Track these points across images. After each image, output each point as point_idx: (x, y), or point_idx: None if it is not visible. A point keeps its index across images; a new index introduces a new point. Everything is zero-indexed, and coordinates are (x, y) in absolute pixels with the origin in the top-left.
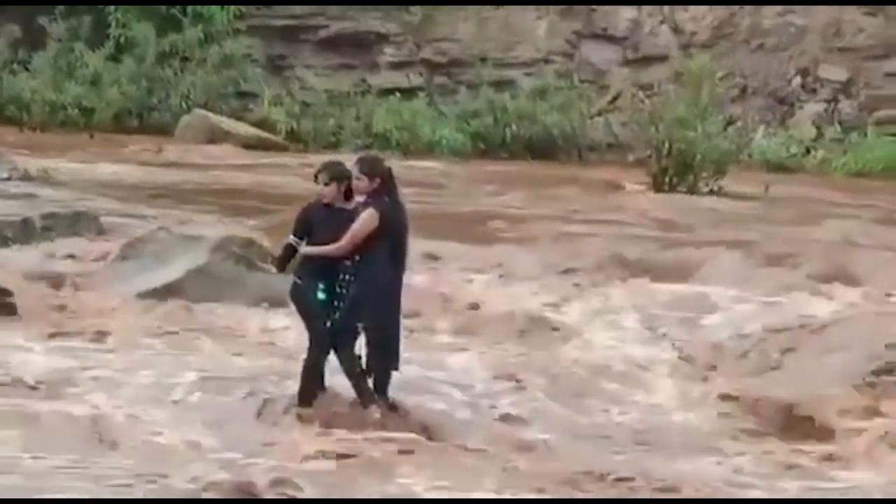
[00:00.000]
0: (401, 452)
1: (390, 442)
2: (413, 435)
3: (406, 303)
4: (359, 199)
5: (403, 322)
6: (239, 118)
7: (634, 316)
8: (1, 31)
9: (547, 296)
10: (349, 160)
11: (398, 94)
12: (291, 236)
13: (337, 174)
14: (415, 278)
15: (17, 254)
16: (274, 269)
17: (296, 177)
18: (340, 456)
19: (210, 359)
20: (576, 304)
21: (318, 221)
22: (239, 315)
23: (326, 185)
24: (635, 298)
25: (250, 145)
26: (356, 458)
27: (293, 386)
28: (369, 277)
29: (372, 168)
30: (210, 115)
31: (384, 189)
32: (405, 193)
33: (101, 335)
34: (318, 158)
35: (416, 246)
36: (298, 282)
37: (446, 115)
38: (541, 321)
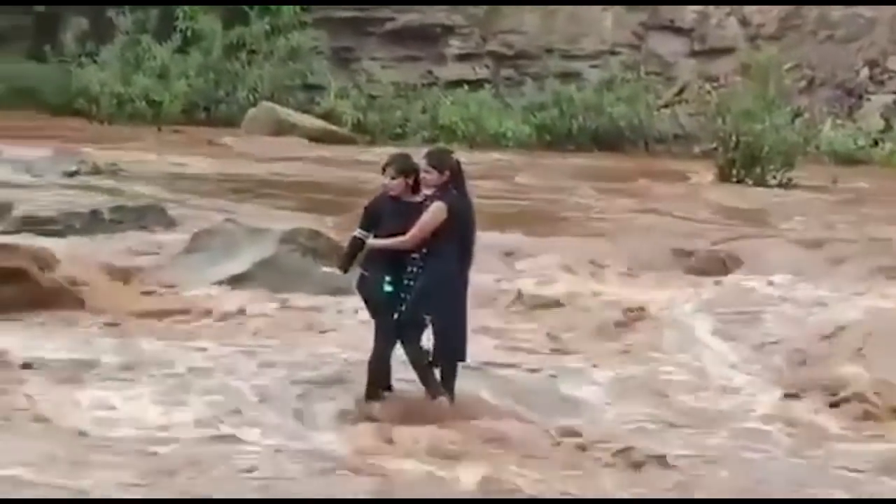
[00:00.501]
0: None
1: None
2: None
3: (477, 296)
4: (426, 192)
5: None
6: (305, 111)
7: (713, 308)
8: (69, 25)
9: (626, 288)
10: (416, 153)
11: (464, 87)
12: (358, 230)
13: (404, 167)
14: (484, 271)
15: (86, 246)
16: (339, 271)
17: (362, 169)
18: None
19: (280, 351)
20: (655, 297)
21: (385, 214)
22: (306, 306)
23: (393, 177)
24: (709, 291)
25: (316, 138)
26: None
27: (360, 379)
28: (436, 270)
29: (441, 161)
30: (277, 107)
31: (452, 182)
32: (472, 186)
33: (169, 326)
34: (385, 151)
35: (486, 239)
36: (366, 274)
37: (512, 108)
38: (619, 313)
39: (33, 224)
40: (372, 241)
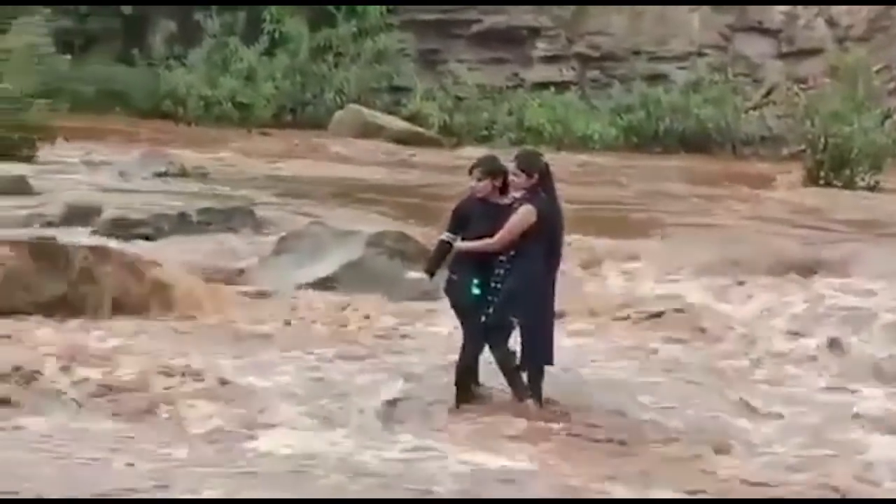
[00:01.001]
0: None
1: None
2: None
3: (566, 298)
4: (515, 194)
5: (557, 317)
6: (391, 113)
7: (807, 312)
8: (157, 28)
9: (717, 292)
10: (503, 155)
11: (551, 89)
12: (446, 232)
13: (491, 168)
14: (573, 274)
15: (174, 248)
16: (426, 276)
17: (448, 172)
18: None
19: (369, 355)
20: (745, 300)
21: (473, 217)
22: (391, 310)
23: (480, 179)
24: (803, 294)
25: (402, 140)
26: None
27: (450, 381)
28: (524, 273)
29: (530, 164)
30: (363, 109)
31: (541, 185)
32: (560, 188)
33: (254, 329)
34: (471, 153)
35: (577, 241)
36: (453, 277)
37: (599, 109)
38: (714, 317)
39: (123, 227)
40: (460, 244)
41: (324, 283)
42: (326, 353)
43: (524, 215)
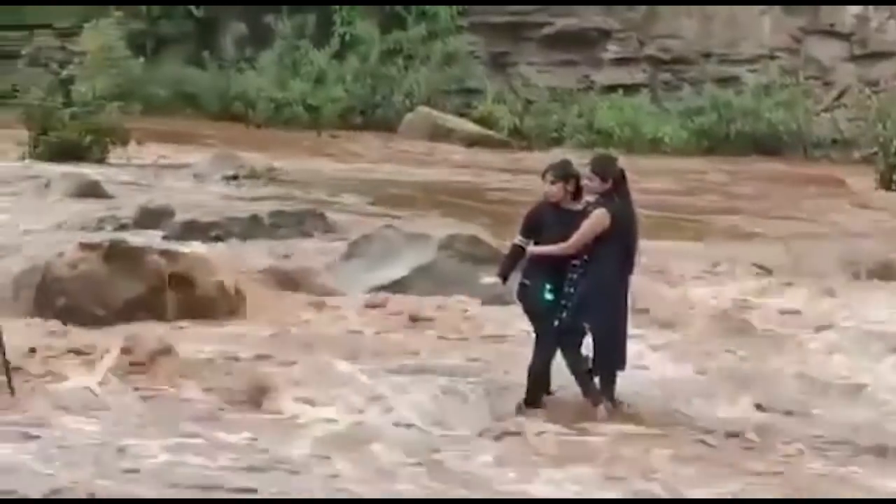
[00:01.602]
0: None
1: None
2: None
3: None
4: (588, 199)
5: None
6: (461, 115)
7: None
8: (228, 30)
9: (790, 297)
10: (575, 158)
11: (621, 91)
12: (519, 237)
13: (564, 172)
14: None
15: (246, 251)
16: (499, 280)
17: (519, 175)
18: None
19: (440, 356)
20: (820, 305)
21: (546, 222)
22: (465, 312)
23: (553, 183)
24: (881, 299)
25: (472, 142)
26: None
27: (521, 386)
28: (596, 277)
29: (604, 168)
30: (433, 112)
31: (616, 190)
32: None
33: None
34: (541, 156)
35: (650, 245)
36: (526, 282)
37: (669, 112)
38: (788, 322)
39: (194, 229)
40: (532, 248)
41: (395, 287)
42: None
43: (597, 219)
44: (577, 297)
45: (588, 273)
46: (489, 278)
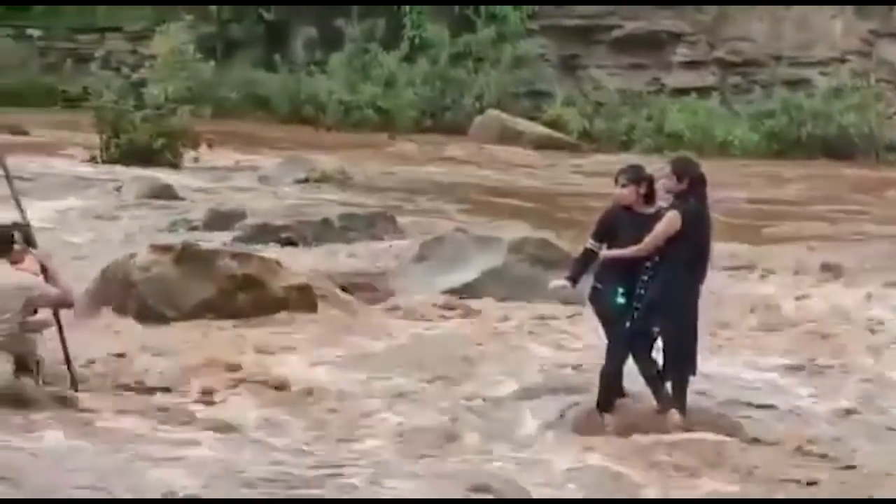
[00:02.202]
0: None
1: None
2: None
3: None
4: (661, 202)
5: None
6: (531, 118)
7: None
8: (298, 33)
9: (871, 302)
10: (649, 162)
11: (691, 94)
12: (591, 240)
13: (636, 176)
14: (719, 281)
15: (317, 253)
16: (568, 284)
17: (589, 178)
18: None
19: (507, 360)
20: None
21: (619, 226)
22: (536, 316)
23: (625, 186)
24: None
25: (542, 145)
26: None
27: (593, 390)
28: (667, 280)
29: (682, 169)
30: (503, 114)
31: (691, 192)
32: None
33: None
34: (611, 159)
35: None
36: (598, 286)
37: (740, 115)
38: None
39: (266, 232)
40: (605, 252)
41: (464, 290)
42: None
43: (669, 221)
44: (647, 300)
45: (658, 276)
46: (558, 281)
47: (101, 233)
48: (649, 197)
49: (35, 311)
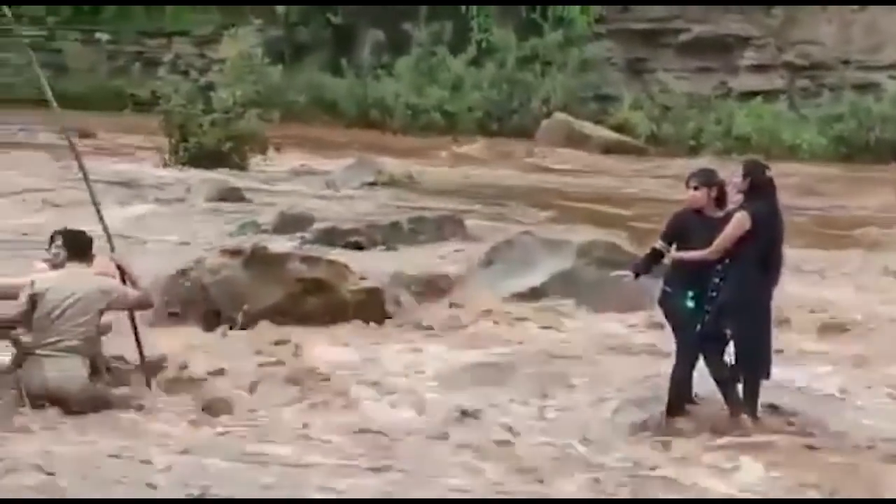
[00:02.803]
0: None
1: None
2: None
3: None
4: (731, 205)
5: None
6: (598, 121)
7: None
8: (366, 37)
9: None
10: (717, 165)
11: (758, 98)
12: (659, 241)
13: (707, 179)
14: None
15: (385, 257)
16: (630, 274)
17: (657, 181)
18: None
19: (579, 364)
20: None
21: (689, 229)
22: (602, 320)
23: (696, 188)
24: None
25: (609, 149)
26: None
27: (663, 395)
28: (737, 283)
29: (751, 169)
30: (570, 118)
31: (760, 192)
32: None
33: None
34: (679, 163)
35: (791, 254)
36: (667, 290)
37: (808, 119)
38: None
39: (334, 235)
40: (674, 254)
41: (533, 294)
42: None
43: (738, 222)
44: (718, 303)
45: (728, 278)
46: (620, 271)
47: (169, 236)
48: (720, 200)
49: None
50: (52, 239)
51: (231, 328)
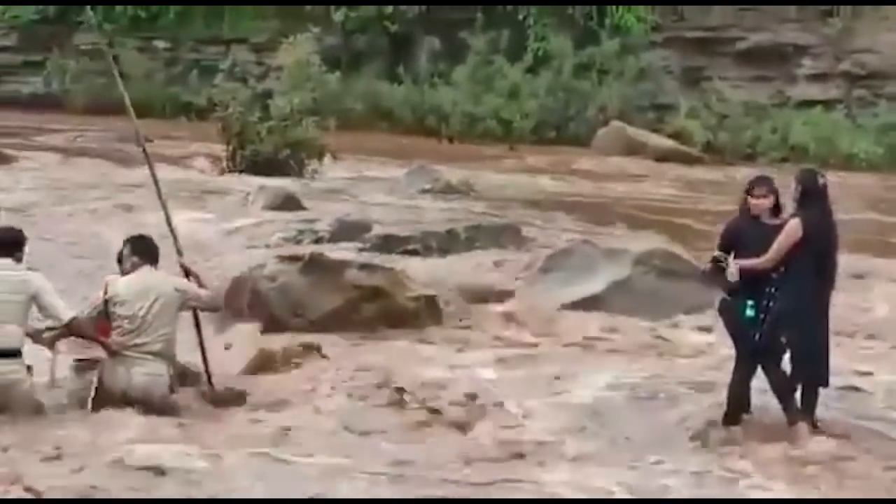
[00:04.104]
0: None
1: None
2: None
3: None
4: (786, 214)
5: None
6: (654, 130)
7: None
8: (422, 45)
9: None
10: (773, 174)
11: (816, 107)
12: (717, 251)
13: (772, 187)
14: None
15: (443, 265)
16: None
17: (715, 190)
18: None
19: (636, 372)
20: None
21: (744, 236)
22: (662, 328)
23: (764, 196)
24: None
25: (665, 157)
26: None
27: (720, 403)
28: (792, 290)
29: (803, 177)
30: (627, 126)
31: (812, 200)
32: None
33: (531, 346)
34: (737, 172)
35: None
36: (727, 298)
37: (865, 128)
38: None
39: (391, 243)
40: (730, 262)
41: (591, 302)
42: None
43: (791, 229)
44: (774, 311)
45: (784, 285)
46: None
47: (228, 242)
48: (776, 208)
49: None
50: (120, 252)
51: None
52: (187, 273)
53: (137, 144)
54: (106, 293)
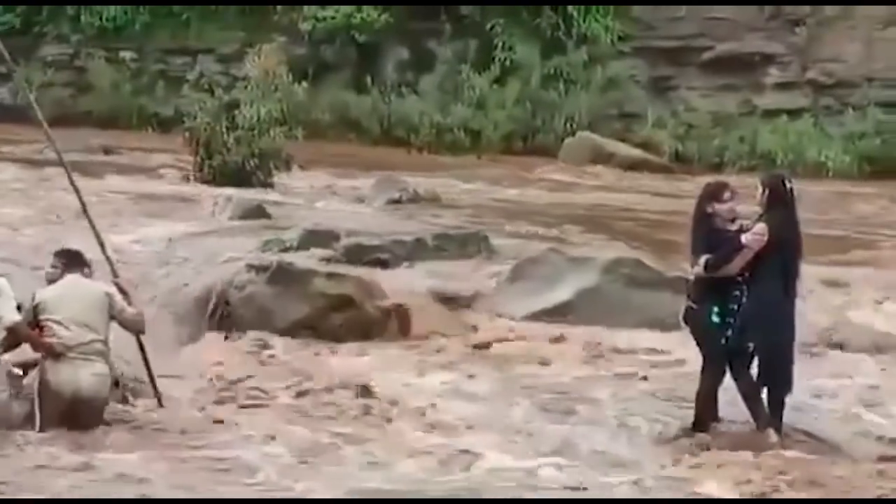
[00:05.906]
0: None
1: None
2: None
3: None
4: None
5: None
6: (622, 139)
7: None
8: (389, 55)
9: None
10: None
11: (783, 116)
12: (701, 255)
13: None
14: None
15: (410, 274)
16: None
17: (682, 199)
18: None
19: (601, 382)
20: None
21: (713, 240)
22: (630, 337)
23: (726, 202)
24: None
25: (633, 167)
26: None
27: (688, 410)
28: (758, 296)
29: (767, 180)
30: (594, 136)
31: (776, 203)
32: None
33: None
34: (704, 181)
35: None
36: (693, 306)
37: (832, 137)
38: None
39: (359, 252)
40: (696, 270)
41: (558, 311)
42: None
43: (756, 234)
44: (739, 317)
45: (750, 291)
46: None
47: (195, 252)
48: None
49: None
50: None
51: None
52: (121, 290)
53: (59, 160)
54: (34, 300)
